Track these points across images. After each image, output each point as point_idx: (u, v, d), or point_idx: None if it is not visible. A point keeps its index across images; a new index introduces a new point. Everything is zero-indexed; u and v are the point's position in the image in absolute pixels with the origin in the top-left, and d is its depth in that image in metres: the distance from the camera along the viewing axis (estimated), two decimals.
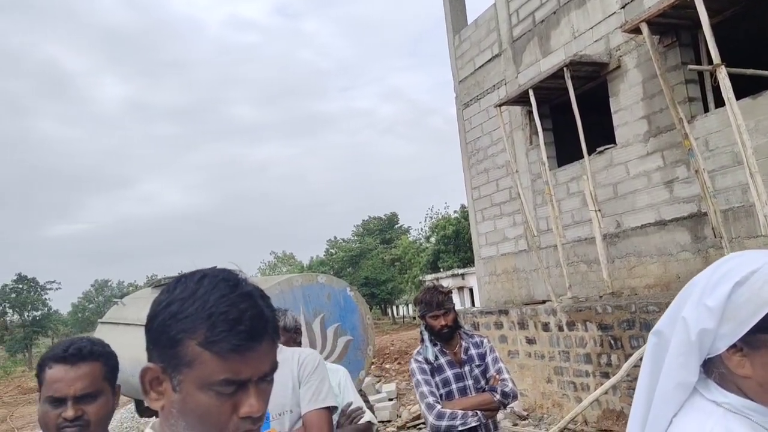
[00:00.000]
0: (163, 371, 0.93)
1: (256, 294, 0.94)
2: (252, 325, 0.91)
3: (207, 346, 0.89)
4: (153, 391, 0.94)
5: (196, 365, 0.90)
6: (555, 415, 8.31)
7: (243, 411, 0.91)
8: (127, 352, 8.65)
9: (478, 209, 12.07)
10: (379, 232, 60.50)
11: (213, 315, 0.89)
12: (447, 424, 2.95)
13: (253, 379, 0.92)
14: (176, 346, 0.90)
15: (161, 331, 0.92)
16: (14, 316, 55.58)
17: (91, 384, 1.56)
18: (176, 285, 0.95)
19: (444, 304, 3.10)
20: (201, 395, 0.90)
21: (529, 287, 10.73)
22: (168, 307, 0.92)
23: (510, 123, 10.88)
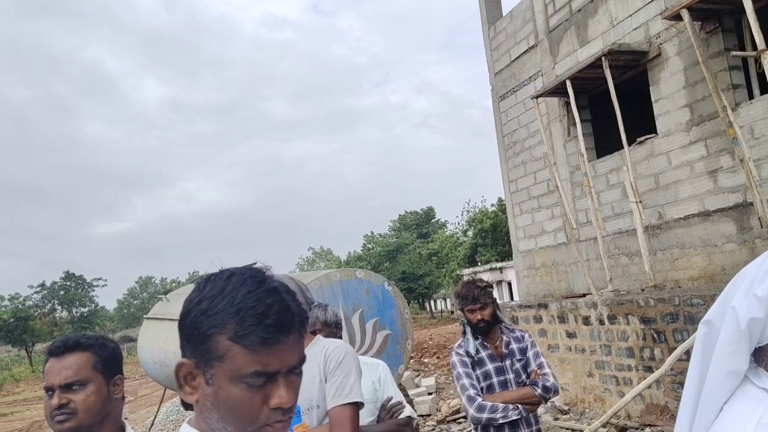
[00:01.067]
0: (196, 366, 0.97)
1: (281, 289, 0.98)
2: (279, 318, 0.95)
3: (236, 340, 0.93)
4: (187, 385, 0.99)
5: (227, 359, 0.94)
6: (597, 410, 8.21)
7: (273, 402, 0.95)
8: (171, 346, 8.90)
9: (515, 202, 11.97)
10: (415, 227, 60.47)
11: (241, 310, 0.93)
12: (488, 417, 2.96)
13: (282, 372, 0.96)
14: (207, 342, 0.95)
15: (193, 327, 0.96)
16: (63, 312, 57.58)
17: (75, 373, 1.59)
18: (206, 283, 0.99)
19: (480, 299, 3.10)
20: (233, 388, 0.94)
21: (568, 280, 10.60)
22: (198, 304, 0.96)
23: (547, 114, 10.75)
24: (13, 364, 48.12)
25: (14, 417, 17.21)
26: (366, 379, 2.74)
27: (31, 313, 52.01)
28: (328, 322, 2.78)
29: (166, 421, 12.21)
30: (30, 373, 36.94)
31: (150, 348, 8.67)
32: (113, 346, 1.73)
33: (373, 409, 2.71)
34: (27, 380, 32.77)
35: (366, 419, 2.66)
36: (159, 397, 11.96)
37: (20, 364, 47.39)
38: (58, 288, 56.59)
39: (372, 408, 2.71)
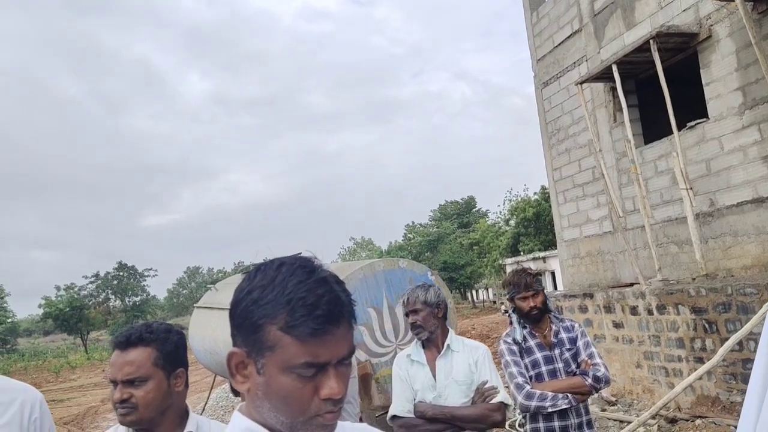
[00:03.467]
0: (248, 355, 0.97)
1: (331, 280, 0.98)
2: (329, 309, 0.94)
3: (287, 330, 0.93)
4: (239, 374, 0.99)
5: (278, 349, 0.93)
6: (645, 401, 8.07)
7: (324, 393, 0.94)
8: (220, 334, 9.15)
9: (559, 190, 11.79)
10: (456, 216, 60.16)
11: (292, 300, 0.93)
12: (536, 405, 2.94)
13: (332, 362, 0.95)
14: (258, 331, 0.94)
15: (244, 317, 0.96)
16: (116, 301, 59.63)
17: (136, 369, 1.63)
18: (256, 273, 0.99)
19: (532, 286, 3.09)
20: (283, 378, 0.94)
21: (614, 270, 10.41)
22: (249, 294, 0.96)
23: (592, 101, 10.53)
24: (69, 352, 50.19)
25: (71, 403, 17.94)
26: (463, 360, 2.78)
27: (86, 303, 54.08)
28: (429, 302, 2.79)
29: (216, 407, 12.55)
30: (85, 361, 38.38)
31: (200, 336, 8.92)
32: (176, 339, 1.75)
33: (467, 391, 2.72)
34: (82, 367, 34.07)
35: (459, 400, 2.70)
36: (209, 383, 12.30)
37: (76, 352, 49.38)
38: (112, 278, 58.61)
39: (466, 390, 2.72)
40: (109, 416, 13.70)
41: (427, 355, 2.83)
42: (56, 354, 49.26)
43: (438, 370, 2.76)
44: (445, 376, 2.74)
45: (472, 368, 2.76)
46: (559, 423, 2.98)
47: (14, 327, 60.41)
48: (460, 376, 2.74)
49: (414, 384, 2.77)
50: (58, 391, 21.54)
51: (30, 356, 48.71)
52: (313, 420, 0.96)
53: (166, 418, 1.68)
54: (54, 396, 19.40)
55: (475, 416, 2.66)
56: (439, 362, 2.77)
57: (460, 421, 2.65)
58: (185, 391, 1.76)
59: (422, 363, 2.80)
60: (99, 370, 29.80)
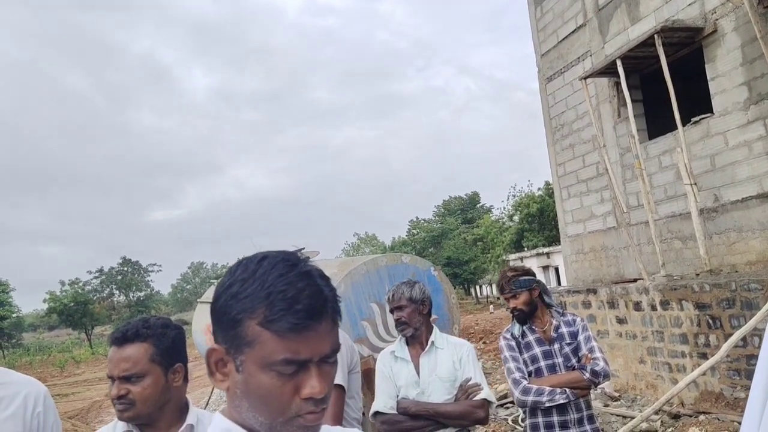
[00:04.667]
0: (227, 352, 0.93)
1: (315, 273, 0.94)
2: (310, 303, 0.90)
3: (266, 325, 0.88)
4: (218, 372, 0.95)
5: (257, 345, 0.89)
6: (648, 397, 8.06)
7: (305, 392, 0.90)
8: None
9: (563, 186, 11.76)
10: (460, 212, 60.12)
11: (271, 294, 0.89)
12: (533, 400, 2.94)
13: (314, 360, 0.91)
14: (237, 327, 0.90)
15: (223, 312, 0.92)
16: (121, 297, 59.90)
17: (133, 366, 1.62)
18: (237, 267, 0.95)
19: (506, 288, 3.09)
20: (262, 376, 0.90)
21: (618, 265, 10.39)
22: (229, 288, 0.92)
23: (596, 96, 10.49)
24: (73, 347, 50.43)
25: (75, 397, 18.04)
26: (447, 357, 2.76)
27: (91, 298, 54.31)
28: (414, 298, 2.78)
29: (219, 401, 12.58)
30: (90, 355, 38.56)
31: (203, 331, 8.94)
32: (174, 334, 1.73)
33: (450, 389, 2.71)
34: (87, 362, 34.24)
35: (443, 397, 2.69)
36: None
37: (80, 347, 49.60)
38: (116, 273, 58.84)
39: (449, 387, 2.71)
40: (112, 411, 13.76)
41: (411, 351, 2.81)
42: (61, 349, 49.51)
43: (422, 366, 2.75)
44: (429, 372, 2.73)
45: (456, 365, 2.75)
46: (558, 418, 2.97)
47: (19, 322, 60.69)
48: (444, 373, 2.73)
49: (397, 380, 2.76)
50: (63, 386, 21.65)
51: (35, 351, 48.99)
52: (293, 421, 0.91)
53: (164, 413, 1.67)
54: (59, 390, 19.50)
55: (459, 413, 2.65)
56: (423, 359, 2.76)
57: (443, 417, 2.64)
58: (185, 385, 1.74)
59: (406, 360, 2.79)
60: (103, 365, 29.80)
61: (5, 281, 48.72)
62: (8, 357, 43.46)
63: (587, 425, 3.04)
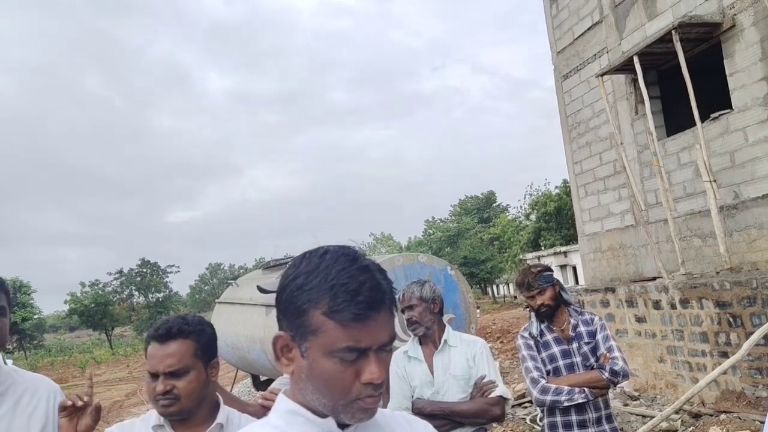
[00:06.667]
0: (292, 339, 1.01)
1: (373, 268, 1.01)
2: (370, 295, 0.97)
3: (330, 315, 0.96)
4: (284, 357, 1.03)
5: (321, 333, 0.97)
6: (668, 396, 7.98)
7: (365, 378, 0.98)
8: (241, 329, 9.22)
9: (580, 184, 11.68)
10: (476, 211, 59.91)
11: (335, 286, 0.97)
12: (551, 399, 2.93)
13: (373, 348, 0.98)
14: (302, 316, 0.98)
15: (289, 301, 1.00)
16: (140, 298, 60.49)
17: (178, 361, 1.67)
18: (302, 260, 1.03)
19: (533, 285, 3.06)
20: (326, 361, 0.98)
21: (636, 264, 10.30)
22: (294, 280, 1.01)
23: (613, 93, 10.41)
24: (94, 347, 51.01)
25: (96, 397, 18.19)
26: (461, 355, 2.75)
27: (110, 299, 54.96)
28: (425, 297, 2.77)
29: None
30: (110, 356, 38.99)
31: (222, 331, 9.02)
32: (210, 331, 1.80)
33: (465, 387, 2.70)
34: (107, 363, 34.63)
35: (457, 396, 2.68)
36: (231, 378, 12.43)
37: (100, 348, 50.18)
38: (135, 274, 59.44)
39: (464, 385, 2.70)
40: (133, 410, 13.93)
41: (424, 351, 2.80)
42: (82, 349, 50.14)
43: (435, 366, 2.73)
44: (443, 371, 2.72)
45: (470, 363, 2.73)
46: (577, 417, 2.96)
47: (41, 323, 61.60)
48: (458, 372, 2.71)
49: (412, 380, 2.74)
50: (84, 386, 21.95)
51: (56, 352, 49.65)
52: (354, 403, 0.99)
53: (201, 409, 1.73)
54: (80, 391, 19.74)
55: (474, 411, 2.63)
56: (436, 358, 2.75)
57: (459, 416, 2.62)
58: (217, 381, 1.80)
59: (419, 359, 2.78)
60: (123, 366, 30.27)
61: (27, 283, 49.46)
62: (30, 358, 44.10)
63: (606, 424, 3.03)
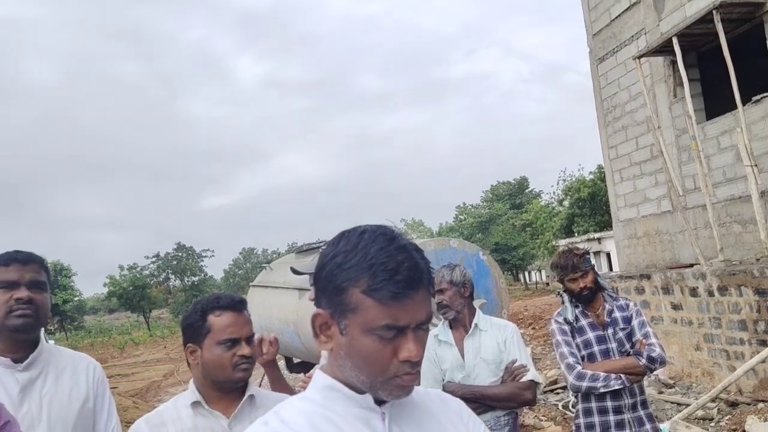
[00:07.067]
0: (331, 317, 1.02)
1: (411, 247, 1.02)
2: (409, 275, 0.98)
3: (369, 293, 0.97)
4: (322, 334, 1.05)
5: (360, 311, 0.99)
6: (704, 384, 7.86)
7: (403, 355, 0.99)
8: (275, 312, 9.38)
9: (615, 169, 11.48)
10: (508, 197, 59.42)
11: (374, 265, 0.98)
12: (588, 385, 2.90)
13: (411, 326, 0.99)
14: (342, 294, 1.00)
15: (328, 280, 1.02)
16: (176, 281, 61.80)
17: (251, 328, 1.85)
18: (340, 239, 1.04)
19: (580, 267, 3.02)
20: (365, 339, 0.99)
21: (673, 250, 10.11)
22: (333, 258, 1.02)
23: (651, 76, 10.17)
24: (132, 329, 52.38)
25: (135, 377, 18.77)
26: (492, 339, 2.74)
27: (148, 282, 56.26)
28: (455, 281, 2.76)
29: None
30: (148, 338, 39.98)
31: (256, 314, 9.16)
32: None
33: (496, 371, 2.69)
34: (145, 344, 35.52)
35: (488, 380, 2.67)
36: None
37: (139, 329, 51.48)
38: (171, 258, 60.70)
39: (495, 369, 2.69)
40: (171, 390, 14.29)
41: (454, 335, 2.79)
42: (120, 331, 51.56)
43: (466, 349, 2.73)
44: (474, 355, 2.71)
45: (501, 347, 2.72)
46: (612, 403, 2.93)
47: (81, 305, 63.45)
48: (489, 356, 2.71)
49: (442, 364, 2.74)
50: (123, 366, 22.58)
51: (96, 333, 51.19)
52: (392, 380, 1.00)
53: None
54: (119, 371, 20.36)
55: (506, 395, 2.63)
56: (467, 342, 2.74)
57: (491, 400, 2.62)
58: None
59: (450, 343, 2.77)
60: (161, 347, 31.02)
61: (67, 266, 50.97)
62: (71, 339, 45.51)
63: (641, 410, 3.00)
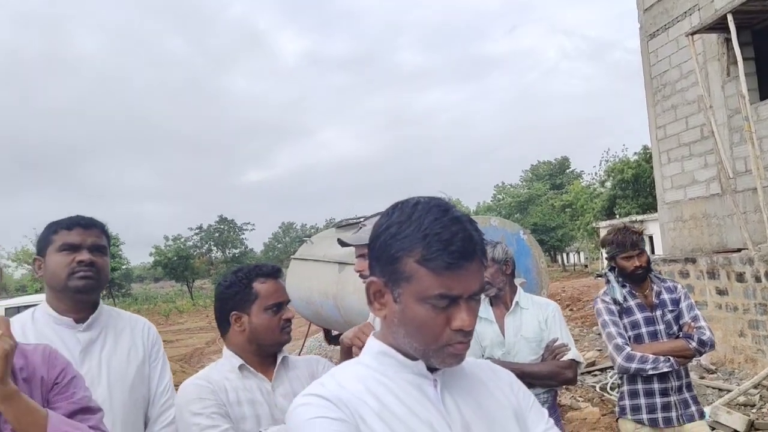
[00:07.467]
0: (385, 285, 1.05)
1: (464, 219, 1.04)
2: (462, 246, 1.00)
3: (423, 263, 0.99)
4: (376, 302, 1.08)
5: (414, 280, 1.01)
6: (747, 371, 7.73)
7: (455, 324, 1.01)
8: (315, 284, 9.55)
9: (663, 150, 11.20)
10: (548, 177, 58.52)
11: (428, 236, 0.99)
12: (636, 367, 2.88)
13: (464, 296, 1.01)
14: (396, 263, 1.02)
15: (383, 249, 1.04)
16: (218, 253, 63.17)
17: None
18: (394, 210, 1.06)
19: (638, 244, 2.98)
20: (418, 307, 1.01)
21: (720, 234, 9.86)
22: (388, 229, 1.04)
23: (703, 53, 9.84)
24: (176, 298, 53.92)
25: (179, 344, 19.42)
26: (533, 318, 2.74)
27: (191, 253, 57.71)
28: (496, 258, 2.75)
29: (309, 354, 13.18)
30: (191, 306, 41.15)
31: (296, 286, 9.37)
32: None
33: (536, 349, 2.68)
34: (189, 312, 36.61)
35: (528, 358, 2.67)
36: (303, 332, 12.94)
37: (182, 298, 52.95)
38: (214, 231, 62.01)
39: (535, 347, 2.68)
40: (213, 357, 14.75)
41: (495, 312, 2.77)
42: (165, 299, 53.08)
43: (507, 327, 2.71)
44: (514, 333, 2.70)
45: (541, 326, 2.70)
46: (659, 385, 2.92)
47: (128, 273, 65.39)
48: (530, 334, 2.69)
49: (482, 341, 2.72)
50: (168, 333, 23.34)
51: (142, 300, 52.86)
52: (444, 349, 1.03)
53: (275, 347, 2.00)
54: (164, 337, 20.65)
55: (546, 373, 2.61)
56: (507, 319, 2.73)
57: (531, 377, 2.59)
58: None
59: (490, 320, 2.75)
60: (203, 316, 31.89)
61: (116, 235, 52.53)
62: (119, 305, 46.76)
63: (686, 393, 3.00)
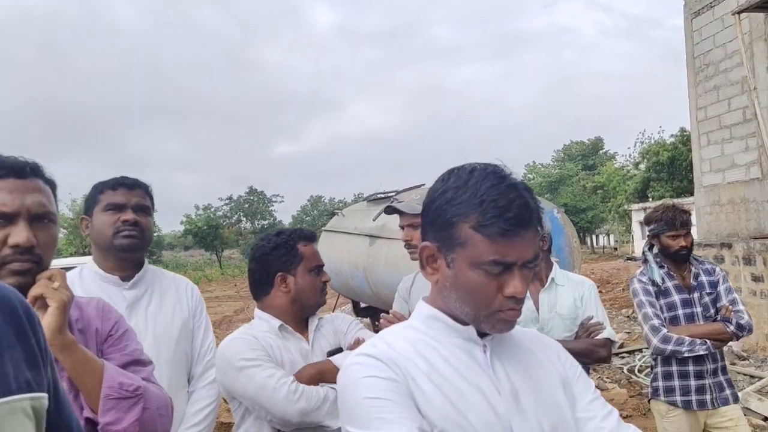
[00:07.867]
0: (438, 250, 1.05)
1: (521, 186, 1.03)
2: (519, 213, 0.99)
3: (479, 229, 0.99)
4: (429, 266, 1.08)
5: (468, 246, 1.00)
6: None
7: (508, 291, 1.01)
8: (345, 256, 9.64)
9: (702, 132, 10.93)
10: (581, 158, 57.67)
11: (484, 202, 0.99)
12: (672, 349, 2.86)
13: (518, 264, 1.01)
14: (450, 228, 1.02)
15: (437, 214, 1.04)
16: (247, 223, 64.05)
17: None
18: (449, 176, 1.06)
19: (688, 224, 2.94)
20: (471, 273, 1.01)
21: (759, 220, 9.64)
22: (443, 194, 1.04)
23: (750, 33, 9.51)
24: (206, 266, 54.99)
25: (209, 311, 19.68)
26: (568, 295, 2.71)
27: (221, 223, 58.66)
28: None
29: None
30: (219, 275, 41.96)
31: (327, 257, 9.38)
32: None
33: (570, 326, 2.65)
34: (217, 281, 37.32)
35: (562, 334, 2.64)
36: (332, 304, 13.11)
37: (211, 267, 53.99)
38: (243, 201, 62.85)
39: (570, 324, 2.65)
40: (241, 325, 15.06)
41: (530, 288, 2.75)
42: (195, 267, 54.19)
43: (541, 303, 2.68)
44: (549, 309, 2.67)
45: (577, 303, 2.67)
46: (695, 368, 2.90)
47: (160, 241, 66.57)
48: (565, 311, 2.66)
49: None
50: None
51: (172, 267, 53.90)
52: (495, 314, 1.03)
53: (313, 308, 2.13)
54: None
55: (581, 350, 2.56)
56: (542, 295, 2.70)
57: None
58: None
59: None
60: (231, 285, 32.51)
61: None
62: None
63: (721, 376, 2.99)
